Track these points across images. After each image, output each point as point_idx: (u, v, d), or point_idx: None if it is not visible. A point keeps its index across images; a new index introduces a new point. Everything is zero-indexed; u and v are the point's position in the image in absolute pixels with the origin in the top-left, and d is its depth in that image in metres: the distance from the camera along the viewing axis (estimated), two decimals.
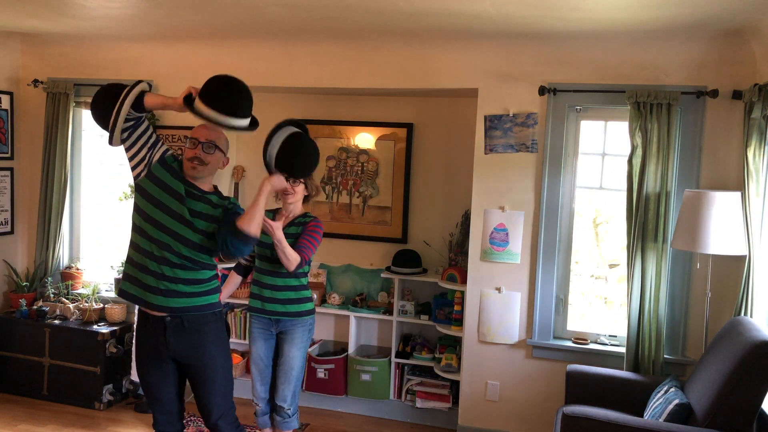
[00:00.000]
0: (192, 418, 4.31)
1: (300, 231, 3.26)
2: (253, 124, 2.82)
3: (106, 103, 2.69)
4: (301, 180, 3.26)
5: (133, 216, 2.78)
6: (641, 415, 3.18)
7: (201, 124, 2.76)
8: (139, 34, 4.35)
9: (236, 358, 4.73)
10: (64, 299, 4.71)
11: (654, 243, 3.64)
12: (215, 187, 2.87)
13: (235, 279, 3.49)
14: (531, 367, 4.05)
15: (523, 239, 4.01)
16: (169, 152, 2.81)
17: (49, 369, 4.54)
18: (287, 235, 3.15)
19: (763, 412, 2.88)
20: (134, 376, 4.40)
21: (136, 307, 2.84)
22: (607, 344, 3.96)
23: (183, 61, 4.55)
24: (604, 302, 4.25)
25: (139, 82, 2.70)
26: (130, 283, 2.75)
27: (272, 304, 3.28)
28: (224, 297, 3.24)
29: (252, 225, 2.68)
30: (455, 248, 4.34)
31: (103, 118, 2.74)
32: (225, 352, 2.84)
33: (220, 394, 2.82)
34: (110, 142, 2.77)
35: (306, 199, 3.39)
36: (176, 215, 2.68)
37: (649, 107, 3.62)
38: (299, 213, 3.36)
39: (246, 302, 3.90)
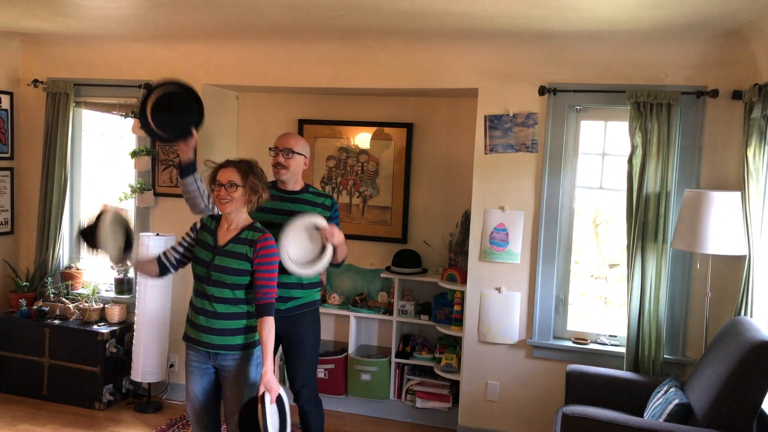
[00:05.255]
0: None
1: (250, 252, 2.82)
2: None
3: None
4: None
5: None
6: (641, 415, 3.18)
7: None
8: (139, 34, 4.35)
9: None
10: (64, 299, 4.71)
11: (654, 243, 3.64)
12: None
13: (151, 264, 3.02)
14: (531, 367, 4.05)
15: (523, 239, 4.00)
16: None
17: (49, 369, 4.54)
18: (231, 254, 2.82)
19: (763, 412, 2.88)
20: (134, 376, 4.40)
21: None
22: (607, 344, 3.96)
23: (183, 61, 4.55)
24: (604, 302, 4.25)
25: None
26: None
27: (210, 336, 2.83)
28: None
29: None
30: (455, 248, 4.34)
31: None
32: None
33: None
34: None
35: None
36: None
37: (649, 107, 3.62)
38: (246, 223, 2.90)
39: None
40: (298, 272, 3.09)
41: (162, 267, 2.98)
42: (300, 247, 3.10)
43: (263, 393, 2.69)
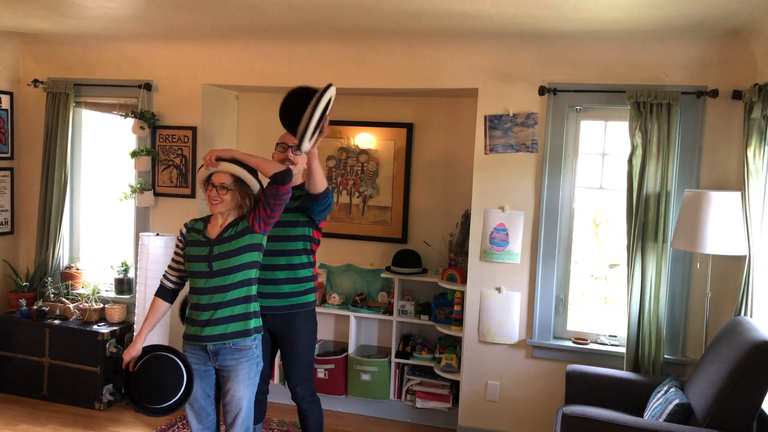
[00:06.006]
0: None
1: (248, 223, 2.88)
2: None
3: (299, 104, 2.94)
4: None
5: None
6: (641, 415, 3.18)
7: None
8: (139, 34, 4.35)
9: None
10: (64, 299, 4.71)
11: (654, 243, 3.64)
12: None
13: (159, 307, 2.98)
14: (531, 367, 4.05)
15: (523, 239, 4.00)
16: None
17: (49, 369, 4.54)
18: (230, 238, 2.86)
19: (763, 412, 2.88)
20: None
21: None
22: (607, 344, 3.96)
23: (183, 61, 4.55)
24: (604, 302, 4.25)
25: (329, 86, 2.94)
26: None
27: (212, 328, 2.84)
28: (146, 333, 2.91)
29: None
30: (455, 248, 4.34)
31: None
32: None
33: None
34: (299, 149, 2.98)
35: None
36: None
37: (649, 107, 3.62)
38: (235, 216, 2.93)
39: None
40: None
41: (171, 295, 3.01)
42: None
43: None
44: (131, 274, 4.79)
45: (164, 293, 3.00)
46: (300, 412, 3.39)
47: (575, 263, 4.14)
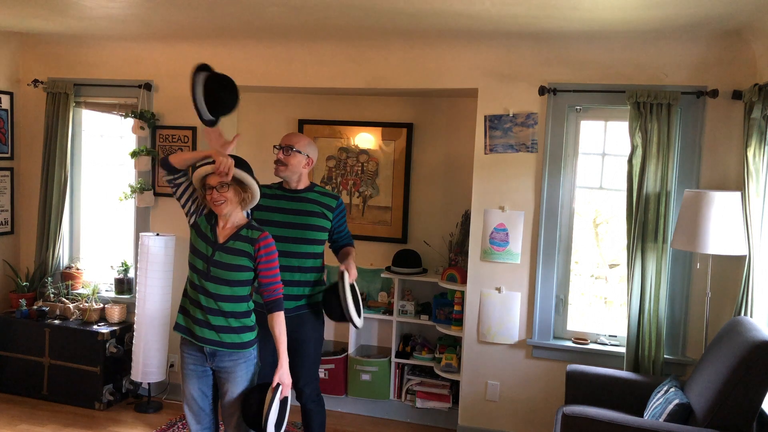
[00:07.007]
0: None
1: (251, 251, 2.80)
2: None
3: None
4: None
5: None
6: (641, 415, 3.18)
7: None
8: (139, 34, 4.35)
9: None
10: (64, 299, 4.71)
11: (654, 243, 3.64)
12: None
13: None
14: (531, 367, 4.05)
15: (523, 239, 4.01)
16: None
17: (49, 369, 4.54)
18: (232, 250, 2.81)
19: (763, 412, 2.88)
20: (134, 376, 4.40)
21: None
22: (607, 344, 3.96)
23: (183, 61, 4.54)
24: (604, 302, 4.25)
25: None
26: None
27: (204, 330, 2.81)
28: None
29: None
30: (455, 248, 4.34)
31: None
32: None
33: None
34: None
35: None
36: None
37: (649, 107, 3.62)
38: (242, 222, 2.89)
39: None
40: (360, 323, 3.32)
41: (182, 172, 2.91)
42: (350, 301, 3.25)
43: (277, 385, 2.74)
44: (131, 274, 4.79)
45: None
46: (305, 412, 3.39)
47: (575, 263, 4.14)
